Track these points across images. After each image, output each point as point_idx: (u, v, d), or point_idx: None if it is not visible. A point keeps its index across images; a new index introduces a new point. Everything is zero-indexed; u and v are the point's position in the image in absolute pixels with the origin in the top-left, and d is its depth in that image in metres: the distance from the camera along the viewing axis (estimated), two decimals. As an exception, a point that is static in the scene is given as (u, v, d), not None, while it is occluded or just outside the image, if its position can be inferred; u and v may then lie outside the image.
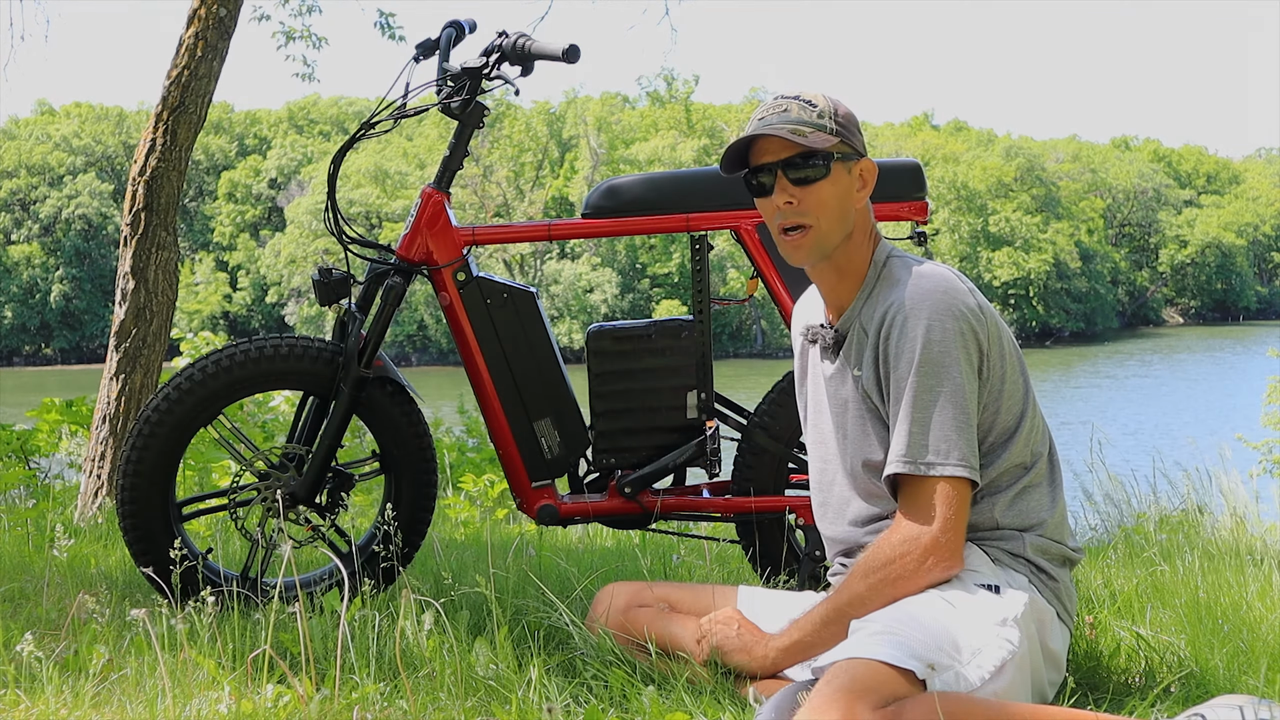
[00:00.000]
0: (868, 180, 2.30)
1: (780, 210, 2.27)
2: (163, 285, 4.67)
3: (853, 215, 2.28)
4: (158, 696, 2.18)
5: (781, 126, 2.24)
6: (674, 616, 2.43)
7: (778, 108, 2.28)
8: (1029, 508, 2.24)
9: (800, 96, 2.29)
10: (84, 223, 54.07)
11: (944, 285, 2.20)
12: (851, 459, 2.33)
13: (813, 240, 2.27)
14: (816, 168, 2.24)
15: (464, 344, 3.01)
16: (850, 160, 2.27)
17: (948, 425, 2.15)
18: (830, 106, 2.28)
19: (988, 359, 2.20)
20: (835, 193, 2.25)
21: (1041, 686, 2.19)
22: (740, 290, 37.08)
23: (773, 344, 48.79)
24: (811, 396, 2.44)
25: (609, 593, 2.52)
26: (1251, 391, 15.21)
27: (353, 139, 2.96)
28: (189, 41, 4.62)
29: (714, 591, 2.47)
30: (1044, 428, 2.31)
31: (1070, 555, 2.28)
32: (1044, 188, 58.21)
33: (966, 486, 2.16)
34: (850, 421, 2.32)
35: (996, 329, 2.23)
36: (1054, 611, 2.22)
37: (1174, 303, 66.81)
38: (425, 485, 3.01)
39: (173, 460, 2.89)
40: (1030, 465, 2.25)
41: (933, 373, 2.16)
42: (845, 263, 2.31)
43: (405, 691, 2.18)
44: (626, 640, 2.43)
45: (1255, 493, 5.05)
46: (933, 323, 2.16)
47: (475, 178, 48.86)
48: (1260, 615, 2.59)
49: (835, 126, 2.26)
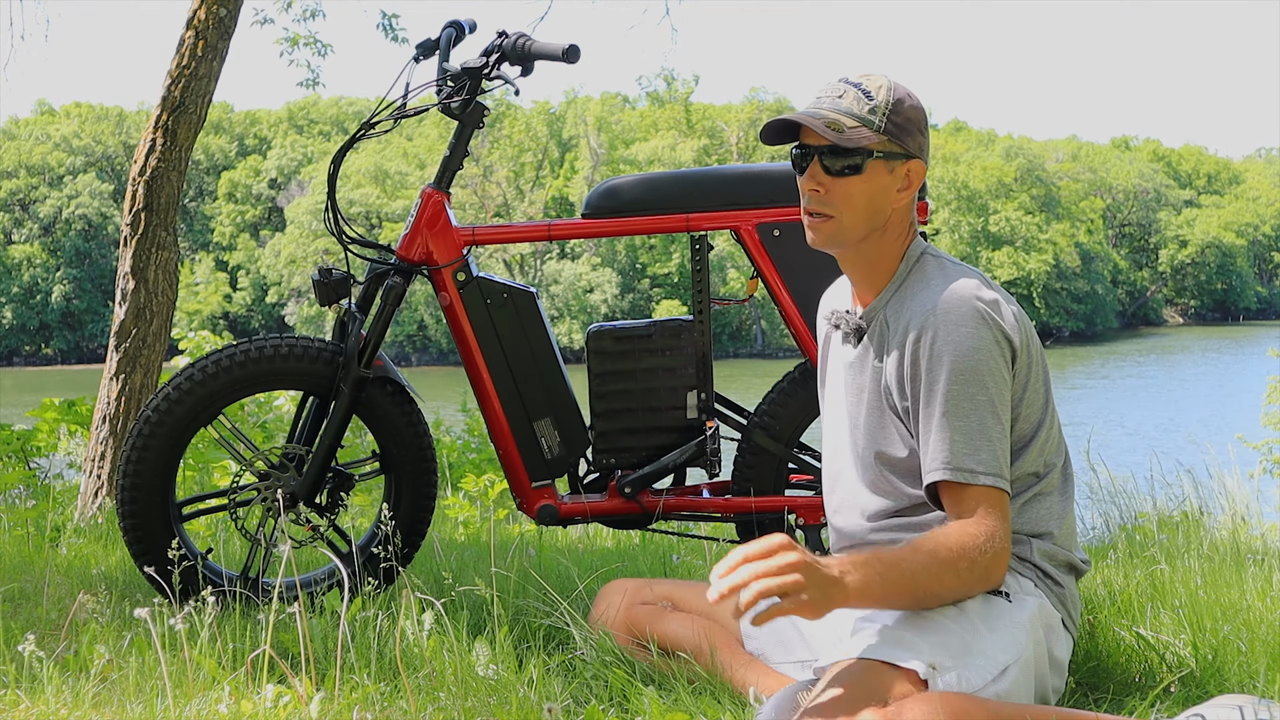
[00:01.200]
0: (913, 181, 2.22)
1: (807, 195, 2.23)
2: (163, 285, 4.67)
3: (886, 213, 2.22)
4: (158, 696, 2.18)
5: (823, 115, 2.18)
6: (675, 615, 2.41)
7: (834, 91, 2.21)
8: (1038, 515, 2.22)
9: (862, 85, 2.20)
10: (84, 223, 54.08)
11: (981, 293, 2.16)
12: (864, 449, 2.29)
13: (831, 230, 2.22)
14: (851, 163, 2.18)
15: (464, 344, 3.01)
16: (894, 159, 2.20)
17: (991, 435, 2.11)
18: (889, 102, 2.19)
19: (1016, 369, 2.17)
20: (866, 190, 2.19)
21: (1045, 692, 2.18)
22: (740, 290, 37.05)
23: (773, 344, 48.79)
24: (829, 384, 2.40)
25: (611, 590, 2.51)
26: (1251, 392, 15.21)
27: (353, 139, 2.97)
28: (189, 41, 4.62)
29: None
30: (1059, 439, 2.27)
31: (1077, 564, 2.26)
32: (1044, 188, 58.22)
33: (1005, 498, 2.12)
34: (865, 411, 2.28)
35: (1028, 338, 2.20)
36: (1059, 617, 2.21)
37: (1174, 303, 66.82)
38: (425, 485, 3.01)
39: (173, 460, 2.89)
40: (1043, 474, 2.23)
41: (973, 380, 2.11)
42: (876, 257, 2.26)
43: (405, 691, 2.18)
44: (628, 639, 2.42)
45: (1257, 492, 5.05)
46: (973, 330, 2.12)
47: (475, 178, 48.87)
48: (1260, 615, 2.59)
49: (886, 124, 2.18)
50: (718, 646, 2.33)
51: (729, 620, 2.37)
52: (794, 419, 3.06)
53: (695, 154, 51.93)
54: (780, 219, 3.00)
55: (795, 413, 3.06)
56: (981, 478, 2.09)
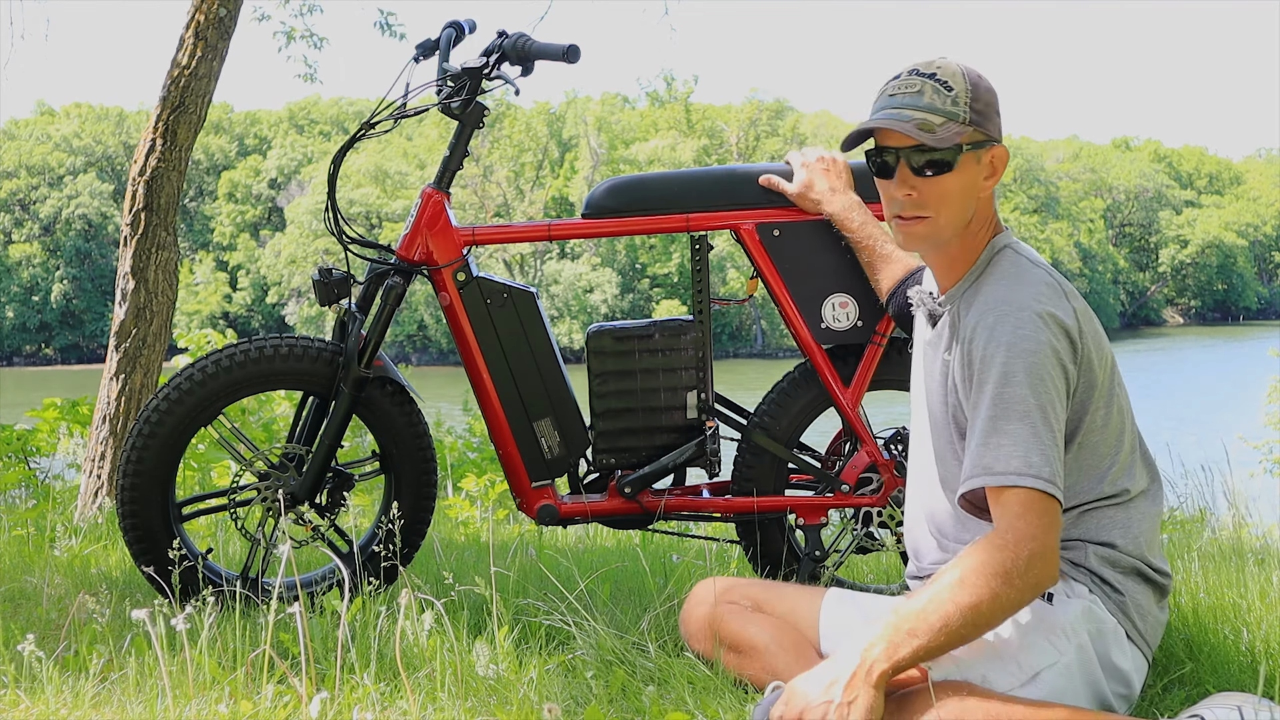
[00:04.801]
0: (998, 167, 2.16)
1: (898, 200, 2.16)
2: (163, 285, 4.67)
3: (975, 204, 2.16)
4: (158, 697, 2.18)
5: (910, 118, 2.09)
6: (755, 615, 2.35)
7: (910, 87, 2.12)
8: (1099, 524, 2.13)
9: (937, 75, 2.12)
10: (84, 223, 54.09)
11: (1040, 294, 2.09)
12: (936, 441, 2.24)
13: (929, 230, 2.16)
14: (944, 161, 2.10)
15: (464, 344, 3.01)
16: (982, 148, 2.13)
17: (1040, 438, 2.00)
18: (968, 89, 2.11)
19: (1075, 381, 2.08)
20: (960, 184, 2.12)
21: (1105, 699, 2.10)
22: (740, 290, 37.03)
23: (773, 344, 48.79)
24: (916, 366, 2.36)
25: (702, 587, 2.45)
26: (1251, 392, 15.20)
27: (353, 139, 2.96)
28: (188, 41, 4.62)
29: (802, 592, 2.39)
30: (1134, 464, 2.17)
31: (1147, 572, 2.15)
32: (1042, 187, 58.23)
33: (1046, 499, 1.98)
34: (935, 403, 2.23)
35: (1094, 353, 2.11)
36: (1116, 624, 2.11)
37: (1174, 303, 66.83)
38: (425, 485, 3.01)
39: (173, 460, 2.89)
40: (1112, 497, 2.14)
41: (1023, 382, 2.01)
42: (959, 251, 2.20)
43: (405, 691, 2.18)
44: (710, 636, 2.36)
45: (1258, 493, 5.05)
46: (1029, 333, 2.04)
47: (475, 178, 48.88)
48: (1260, 615, 2.59)
49: (970, 114, 2.10)
50: (788, 648, 2.29)
51: (807, 623, 2.34)
52: (794, 419, 3.06)
53: (695, 154, 51.94)
54: (780, 219, 3.00)
55: (795, 413, 3.06)
56: (1019, 479, 1.98)
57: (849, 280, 2.99)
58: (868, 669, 1.92)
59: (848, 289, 3.00)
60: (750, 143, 54.35)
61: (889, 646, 1.93)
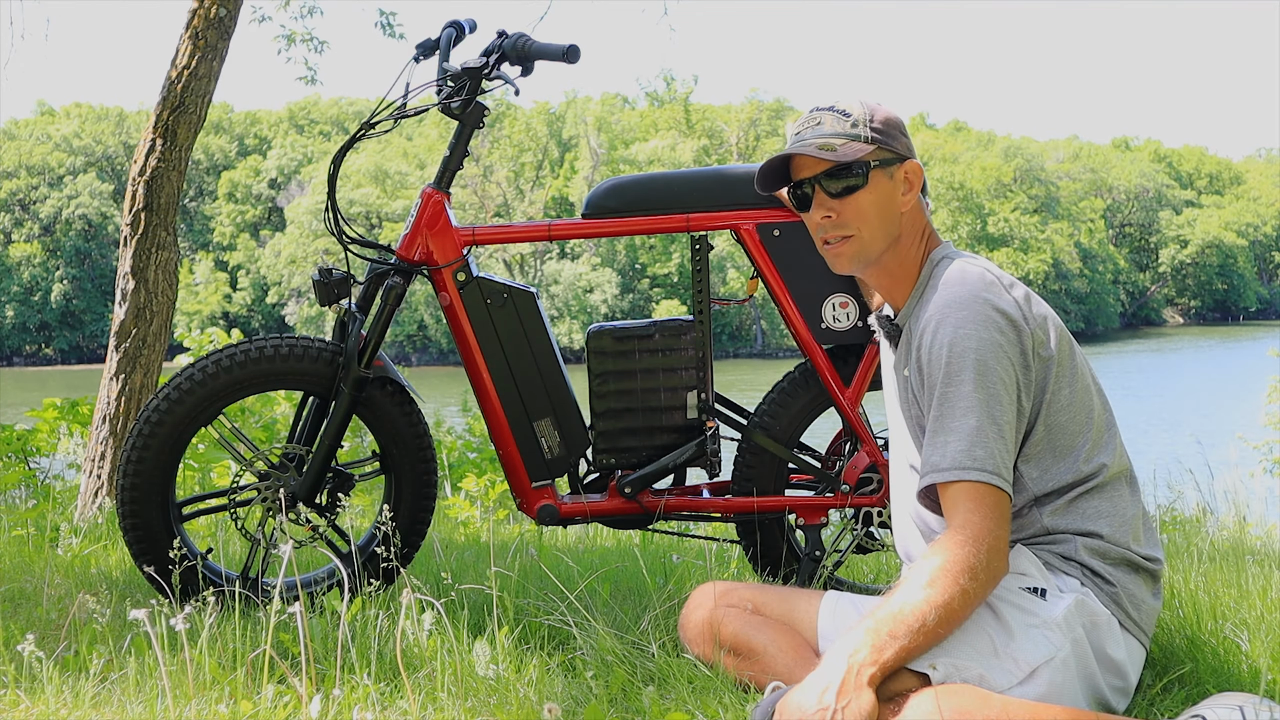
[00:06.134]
0: (914, 182, 2.28)
1: (821, 225, 2.27)
2: (163, 285, 4.67)
3: (899, 219, 2.27)
4: (158, 697, 2.18)
5: (812, 143, 2.24)
6: (754, 618, 2.38)
7: (812, 121, 2.28)
8: (1084, 514, 2.18)
9: (835, 107, 2.28)
10: (84, 223, 54.11)
11: (976, 290, 2.15)
12: (910, 455, 2.31)
13: (854, 249, 2.26)
14: (853, 178, 2.23)
15: (464, 344, 3.01)
16: (891, 165, 2.26)
17: (986, 432, 2.07)
18: (866, 113, 2.26)
19: (1033, 364, 2.14)
20: (875, 200, 2.24)
21: (1100, 693, 2.12)
22: (740, 290, 37.04)
23: (773, 344, 48.81)
24: (887, 386, 2.44)
25: (701, 592, 2.46)
26: (1251, 392, 15.20)
27: (353, 139, 2.96)
28: (188, 41, 4.62)
29: (800, 595, 2.41)
30: (1108, 440, 2.23)
31: (1136, 561, 2.18)
32: (1042, 187, 58.25)
33: (994, 492, 2.06)
34: (905, 419, 2.31)
35: (1047, 335, 2.17)
36: (1109, 616, 2.14)
37: (1174, 303, 66.85)
38: (425, 485, 3.01)
39: (173, 460, 2.89)
40: (1091, 476, 2.19)
41: (968, 378, 2.09)
42: (895, 266, 2.29)
43: (405, 691, 2.18)
44: (710, 639, 2.38)
45: (1260, 493, 5.05)
46: (971, 330, 2.11)
47: (475, 178, 48.89)
48: (1260, 615, 2.59)
49: (871, 134, 2.24)
50: (787, 650, 2.30)
51: (805, 626, 2.36)
52: (794, 419, 3.06)
53: (695, 154, 51.96)
54: (780, 219, 3.00)
55: (795, 413, 3.06)
56: (963, 473, 2.06)
57: (849, 280, 2.99)
58: (856, 673, 1.96)
59: (848, 289, 3.00)
60: (750, 143, 54.37)
61: (873, 650, 1.98)
